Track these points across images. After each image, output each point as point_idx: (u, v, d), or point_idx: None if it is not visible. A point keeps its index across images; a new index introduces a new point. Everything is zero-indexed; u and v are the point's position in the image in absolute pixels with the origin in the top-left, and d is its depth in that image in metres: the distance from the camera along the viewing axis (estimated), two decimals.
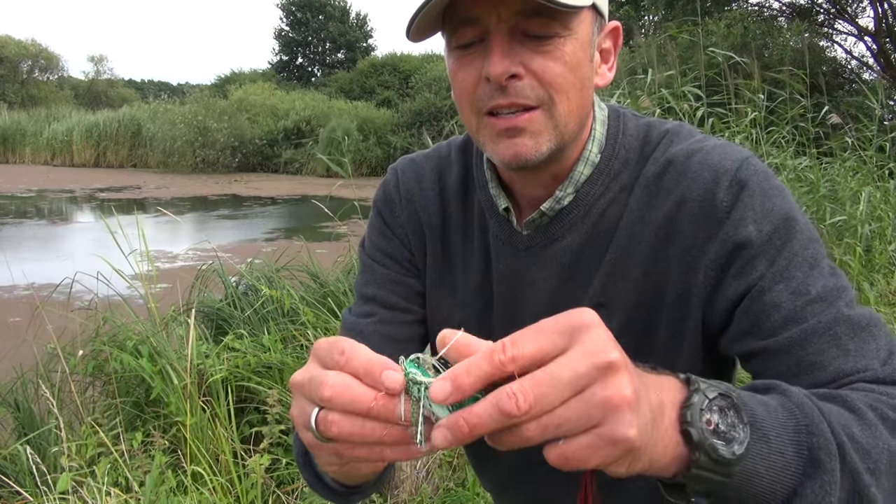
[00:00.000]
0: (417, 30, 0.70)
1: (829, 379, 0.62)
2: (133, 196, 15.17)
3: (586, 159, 0.77)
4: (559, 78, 0.68)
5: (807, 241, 0.67)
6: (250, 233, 10.88)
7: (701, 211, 0.69)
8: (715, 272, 0.69)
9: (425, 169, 0.89)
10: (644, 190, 0.74)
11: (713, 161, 0.71)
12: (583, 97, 0.72)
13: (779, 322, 0.65)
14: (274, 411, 2.36)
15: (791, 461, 0.52)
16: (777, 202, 0.68)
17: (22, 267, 7.15)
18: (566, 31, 0.68)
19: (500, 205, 0.80)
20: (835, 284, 0.66)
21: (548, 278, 0.79)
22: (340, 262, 4.06)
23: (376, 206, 0.92)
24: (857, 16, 13.93)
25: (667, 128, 0.78)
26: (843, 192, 4.33)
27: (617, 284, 0.75)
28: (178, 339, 2.75)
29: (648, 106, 3.97)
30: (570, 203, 0.77)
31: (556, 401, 0.42)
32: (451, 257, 0.87)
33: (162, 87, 61.13)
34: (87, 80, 43.77)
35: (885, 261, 4.22)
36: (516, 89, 0.68)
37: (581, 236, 0.77)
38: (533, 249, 0.80)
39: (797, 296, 0.65)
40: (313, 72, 40.01)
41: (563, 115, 0.70)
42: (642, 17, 14.92)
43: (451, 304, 0.87)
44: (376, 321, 0.86)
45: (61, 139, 23.37)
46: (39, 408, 2.63)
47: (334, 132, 19.95)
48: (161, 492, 2.07)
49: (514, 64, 0.67)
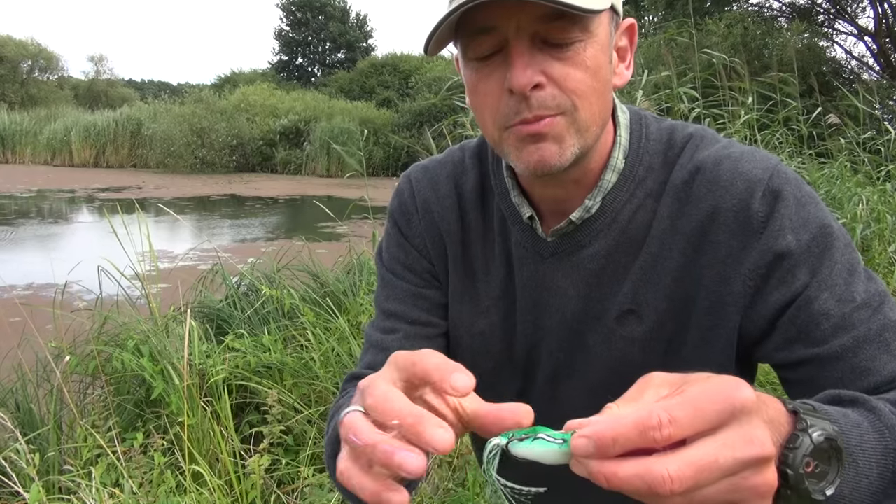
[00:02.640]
0: (436, 44, 0.69)
1: (884, 382, 0.64)
2: (133, 196, 15.16)
3: (613, 167, 0.76)
4: (581, 84, 0.67)
5: (843, 248, 0.68)
6: (250, 233, 10.88)
7: (736, 221, 0.69)
8: (754, 282, 0.69)
9: (440, 176, 0.88)
10: (673, 197, 0.74)
11: (745, 170, 0.70)
12: (604, 101, 0.72)
13: (829, 330, 0.66)
14: (274, 411, 2.36)
15: (875, 482, 0.53)
16: (811, 210, 0.68)
17: (22, 267, 7.14)
18: (586, 35, 0.67)
19: (524, 213, 0.79)
20: (876, 290, 0.68)
21: (575, 285, 0.79)
22: (341, 262, 4.06)
23: (392, 216, 0.90)
24: (857, 16, 13.94)
25: (690, 131, 0.78)
26: (842, 194, 4.34)
27: (647, 291, 0.75)
28: (178, 339, 2.75)
29: (647, 107, 3.97)
30: (597, 211, 0.77)
31: (710, 483, 0.42)
32: (472, 265, 0.86)
33: (162, 87, 61.10)
34: (87, 80, 43.78)
35: (884, 261, 4.24)
36: (539, 100, 0.67)
37: (608, 243, 0.77)
38: (559, 256, 0.79)
39: (844, 303, 0.66)
40: (313, 72, 40.02)
41: (585, 121, 0.69)
42: (642, 17, 14.92)
43: (473, 312, 0.86)
44: (401, 337, 0.85)
45: (60, 139, 23.35)
46: (39, 408, 2.64)
47: (329, 132, 19.97)
48: (160, 492, 2.07)
49: (535, 73, 0.66)
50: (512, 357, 0.85)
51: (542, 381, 0.83)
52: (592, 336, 0.78)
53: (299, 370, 2.74)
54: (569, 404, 0.82)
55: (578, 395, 0.81)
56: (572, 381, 0.81)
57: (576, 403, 0.81)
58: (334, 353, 2.82)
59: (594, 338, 0.78)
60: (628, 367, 0.76)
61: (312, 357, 2.77)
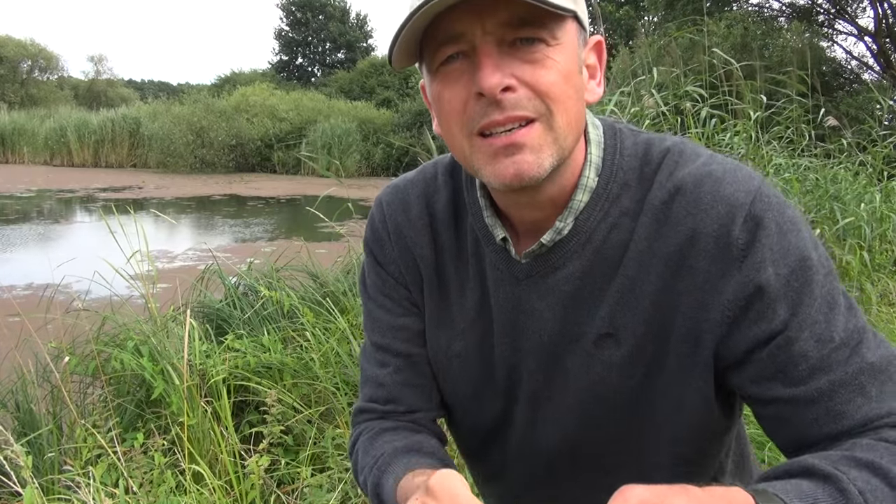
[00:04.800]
0: (400, 54, 0.67)
1: (857, 425, 0.66)
2: (133, 196, 15.17)
3: (584, 186, 0.74)
4: (554, 87, 0.65)
5: (823, 279, 0.68)
6: (250, 233, 10.88)
7: (716, 248, 0.67)
8: (733, 313, 0.68)
9: (411, 196, 0.85)
10: (651, 218, 0.71)
11: (726, 193, 0.68)
12: (579, 108, 0.69)
13: (806, 371, 0.67)
14: (274, 411, 2.36)
15: None
16: (792, 239, 0.67)
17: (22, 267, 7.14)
18: (554, 41, 0.65)
19: (496, 235, 0.77)
20: (854, 326, 0.68)
21: (550, 307, 0.77)
22: (340, 262, 4.06)
23: (367, 245, 0.89)
24: (857, 16, 13.95)
25: (667, 146, 0.75)
26: (847, 194, 4.33)
27: (625, 315, 0.73)
28: (178, 339, 2.75)
29: (652, 106, 3.96)
30: (570, 232, 0.74)
31: None
32: (447, 287, 0.85)
33: (162, 87, 61.15)
34: (87, 80, 43.84)
35: (885, 261, 4.26)
36: (512, 102, 0.64)
37: (583, 264, 0.74)
38: (533, 279, 0.77)
39: (822, 343, 0.67)
40: (313, 72, 40.03)
41: (562, 127, 0.67)
42: (642, 17, 14.93)
43: (449, 335, 0.85)
44: (392, 372, 0.87)
45: (58, 139, 23.33)
46: (39, 408, 2.64)
47: (329, 132, 19.99)
48: (161, 492, 2.07)
49: (506, 76, 0.64)
50: (493, 378, 0.84)
51: (523, 401, 0.83)
52: (571, 359, 0.77)
53: (299, 370, 2.74)
54: (548, 426, 0.82)
55: (557, 417, 0.81)
56: (552, 402, 0.80)
57: (555, 425, 0.81)
58: (334, 353, 2.82)
59: (572, 360, 0.77)
60: (607, 391, 0.76)
61: (312, 357, 2.77)
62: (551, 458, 0.83)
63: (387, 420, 0.87)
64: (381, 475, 0.79)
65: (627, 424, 0.77)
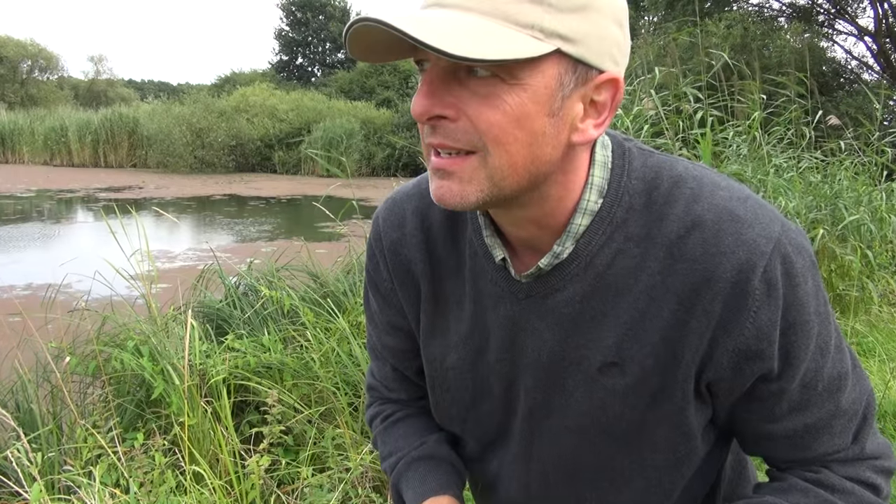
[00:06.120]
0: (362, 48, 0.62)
1: (816, 457, 0.76)
2: (134, 196, 15.17)
3: (584, 209, 0.71)
4: (495, 127, 0.61)
5: (819, 328, 0.71)
6: (250, 232, 10.88)
7: (732, 294, 0.67)
8: (737, 357, 0.69)
9: (406, 212, 0.84)
10: (666, 252, 0.69)
11: (748, 238, 0.66)
12: (533, 154, 0.63)
13: (786, 410, 0.74)
14: (274, 411, 2.36)
15: None
16: (800, 294, 0.68)
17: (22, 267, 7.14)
18: (512, 80, 0.60)
19: (496, 255, 0.76)
20: (839, 371, 0.74)
21: (550, 328, 0.76)
22: (340, 262, 4.06)
23: (366, 266, 0.91)
24: (857, 16, 13.95)
25: (679, 172, 0.71)
26: (848, 194, 4.34)
27: (632, 346, 0.72)
28: (178, 339, 2.75)
29: (651, 107, 3.96)
30: (569, 255, 0.72)
31: None
32: (444, 300, 0.84)
33: (162, 87, 61.13)
34: (87, 81, 43.88)
35: (885, 261, 4.26)
36: (445, 131, 0.63)
37: (584, 288, 0.73)
38: (534, 299, 0.76)
39: (806, 389, 0.73)
40: (313, 72, 40.04)
41: (498, 169, 0.63)
42: (642, 17, 14.93)
43: (444, 347, 0.85)
44: (391, 371, 0.97)
45: (57, 139, 23.33)
46: (40, 408, 2.64)
47: (331, 131, 20.00)
48: (161, 492, 2.07)
49: (443, 105, 0.61)
50: (491, 391, 0.84)
51: (521, 416, 0.83)
52: (572, 381, 0.77)
53: (299, 370, 2.74)
54: (545, 441, 0.82)
55: (555, 434, 0.81)
56: (550, 420, 0.80)
57: (552, 441, 0.82)
58: (334, 353, 2.82)
59: (573, 382, 0.77)
60: (608, 417, 0.76)
61: (312, 357, 2.77)
62: (547, 471, 0.84)
63: (397, 405, 0.99)
64: (398, 481, 0.91)
65: (627, 446, 0.78)
